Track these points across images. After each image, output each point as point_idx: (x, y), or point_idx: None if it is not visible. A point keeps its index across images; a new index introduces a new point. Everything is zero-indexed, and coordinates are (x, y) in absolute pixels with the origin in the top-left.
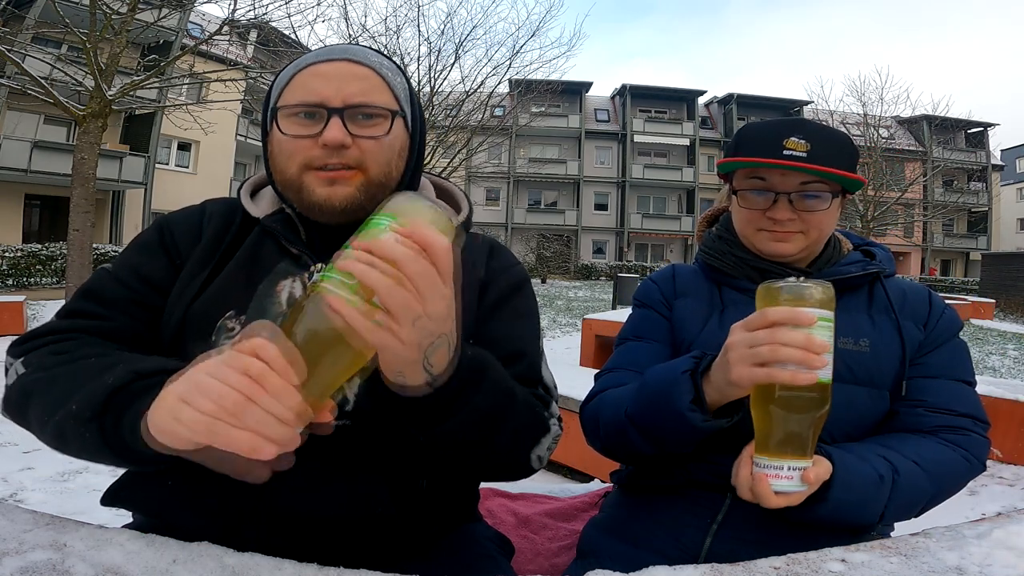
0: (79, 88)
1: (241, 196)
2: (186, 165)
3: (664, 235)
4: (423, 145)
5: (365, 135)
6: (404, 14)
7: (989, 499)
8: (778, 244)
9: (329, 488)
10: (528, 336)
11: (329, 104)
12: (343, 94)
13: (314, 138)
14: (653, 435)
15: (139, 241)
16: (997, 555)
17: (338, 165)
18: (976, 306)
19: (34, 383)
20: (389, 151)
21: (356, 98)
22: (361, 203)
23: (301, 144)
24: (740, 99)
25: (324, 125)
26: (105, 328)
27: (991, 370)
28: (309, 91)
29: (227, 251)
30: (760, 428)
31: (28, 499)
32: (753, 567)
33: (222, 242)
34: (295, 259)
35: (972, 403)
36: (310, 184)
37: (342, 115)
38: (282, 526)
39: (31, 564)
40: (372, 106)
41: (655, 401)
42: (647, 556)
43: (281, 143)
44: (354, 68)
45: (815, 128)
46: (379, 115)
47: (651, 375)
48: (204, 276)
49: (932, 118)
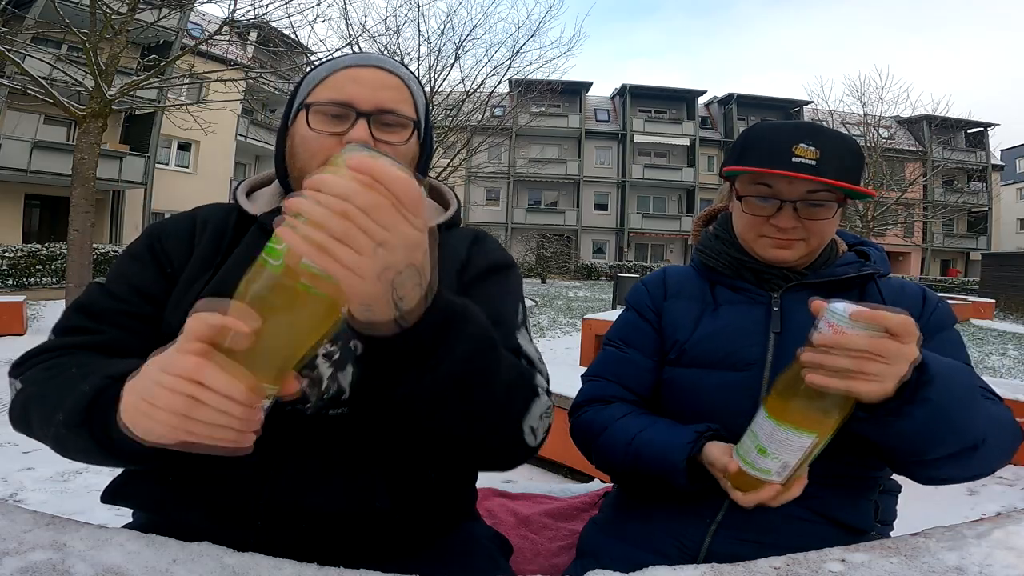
0: (79, 88)
1: (238, 196)
2: (186, 165)
3: (664, 235)
4: (430, 156)
5: (386, 140)
6: (404, 14)
7: (989, 499)
8: (779, 251)
9: (327, 482)
10: (506, 309)
11: (359, 107)
12: (374, 99)
13: (339, 136)
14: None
15: (129, 251)
16: (997, 555)
17: None
18: (976, 306)
19: (30, 398)
20: (404, 159)
21: (385, 104)
22: None
23: (325, 143)
24: (740, 99)
25: (351, 125)
26: (97, 342)
27: (991, 370)
28: (342, 91)
29: (227, 253)
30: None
31: (28, 499)
32: (753, 567)
33: (220, 246)
34: None
35: (978, 378)
36: None
37: (369, 119)
38: (281, 520)
39: (31, 564)
40: (398, 114)
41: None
42: (647, 556)
43: (306, 140)
44: (387, 77)
45: (825, 135)
46: (402, 124)
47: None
48: (204, 280)
49: (932, 118)
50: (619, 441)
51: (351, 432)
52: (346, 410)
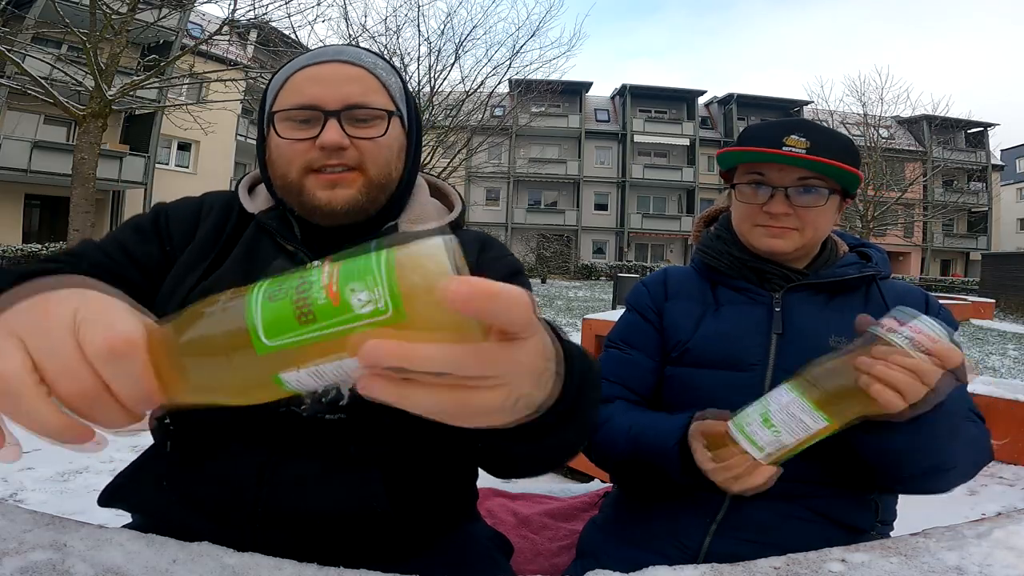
0: (79, 88)
1: (239, 191)
2: (186, 165)
3: (664, 235)
4: (420, 144)
5: (362, 136)
6: (404, 14)
7: (989, 499)
8: (773, 240)
9: (326, 483)
10: None
11: (325, 106)
12: (338, 96)
13: (311, 140)
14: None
15: (133, 221)
16: (997, 555)
17: (338, 167)
18: (976, 306)
19: None
20: (388, 152)
21: (352, 99)
22: (363, 205)
23: (299, 147)
24: (740, 99)
25: (321, 128)
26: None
27: (991, 370)
28: (304, 94)
29: (226, 245)
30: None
31: (28, 499)
32: (753, 567)
33: (221, 235)
34: (290, 256)
35: (968, 399)
36: (311, 187)
37: (339, 117)
38: (280, 521)
39: (31, 564)
40: (368, 107)
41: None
42: (647, 556)
43: (279, 147)
44: (348, 69)
45: (816, 128)
46: (376, 116)
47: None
48: (203, 268)
49: (932, 118)
50: (618, 431)
51: (349, 434)
52: (344, 416)
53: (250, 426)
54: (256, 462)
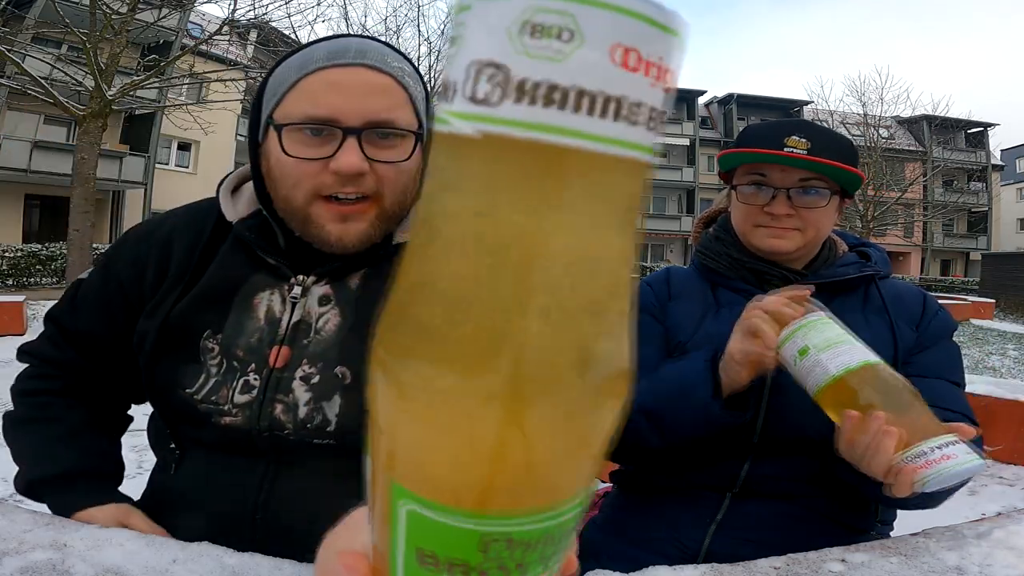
0: (79, 88)
1: (221, 196)
2: (186, 165)
3: (664, 235)
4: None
5: (384, 160)
6: (404, 14)
7: (989, 499)
8: (775, 240)
9: (320, 497)
10: None
11: (344, 122)
12: (361, 110)
13: (324, 162)
14: (667, 426)
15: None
16: (997, 555)
17: (352, 196)
18: (976, 306)
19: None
20: (407, 177)
21: (376, 115)
22: (373, 239)
23: (308, 169)
24: (740, 99)
25: (338, 147)
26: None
27: (991, 370)
28: (319, 104)
29: (201, 261)
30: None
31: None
32: (753, 567)
33: (193, 254)
34: (272, 270)
35: (964, 404)
36: (319, 217)
37: (359, 136)
38: (278, 531)
39: (31, 564)
40: (394, 126)
41: (674, 392)
42: (647, 556)
43: (284, 165)
44: (373, 77)
45: (816, 129)
46: (401, 136)
47: (668, 368)
48: (179, 291)
49: (932, 118)
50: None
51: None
52: (332, 442)
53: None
54: (258, 473)
